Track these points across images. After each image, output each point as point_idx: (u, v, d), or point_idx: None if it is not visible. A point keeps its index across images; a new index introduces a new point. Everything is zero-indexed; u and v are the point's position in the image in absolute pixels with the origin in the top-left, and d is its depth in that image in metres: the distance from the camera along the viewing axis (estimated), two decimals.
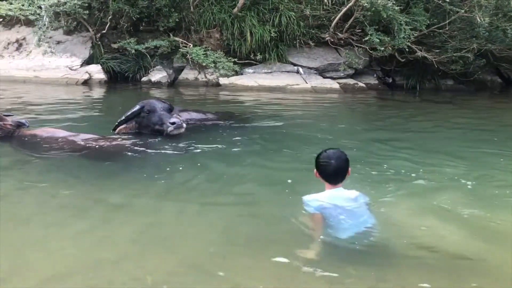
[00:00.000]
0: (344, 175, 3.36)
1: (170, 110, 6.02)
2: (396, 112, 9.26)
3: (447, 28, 11.19)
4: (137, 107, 5.87)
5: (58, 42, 11.82)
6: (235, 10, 11.44)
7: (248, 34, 11.39)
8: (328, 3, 11.37)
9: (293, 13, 11.50)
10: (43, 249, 3.13)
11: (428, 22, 11.00)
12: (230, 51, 11.70)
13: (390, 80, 12.99)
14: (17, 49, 11.86)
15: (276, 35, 11.42)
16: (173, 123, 5.64)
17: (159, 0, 11.16)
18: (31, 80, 11.02)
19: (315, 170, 3.42)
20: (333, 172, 3.33)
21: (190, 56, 11.26)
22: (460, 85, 12.70)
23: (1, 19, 11.48)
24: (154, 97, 6.55)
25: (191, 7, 11.56)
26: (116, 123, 5.96)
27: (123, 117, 5.90)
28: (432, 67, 11.92)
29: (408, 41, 10.77)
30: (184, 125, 5.74)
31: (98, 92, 10.47)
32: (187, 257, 3.09)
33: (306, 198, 3.40)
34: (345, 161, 3.34)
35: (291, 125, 7.27)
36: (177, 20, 11.52)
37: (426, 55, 11.35)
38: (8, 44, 11.97)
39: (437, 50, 11.50)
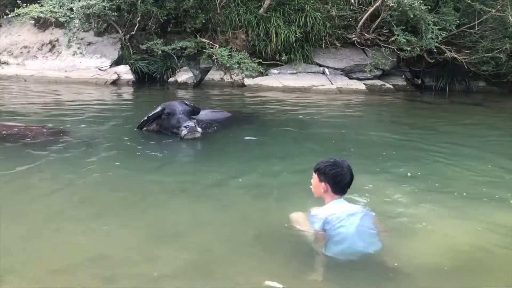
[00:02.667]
0: None
1: (192, 113, 6.09)
2: (424, 114, 9.08)
3: (478, 28, 10.88)
4: (158, 109, 5.99)
5: (89, 43, 12.15)
6: (261, 11, 11.47)
7: (274, 34, 11.38)
8: (355, 3, 11.23)
9: (319, 14, 11.42)
10: (53, 242, 3.23)
11: (458, 22, 10.72)
12: (256, 52, 11.73)
13: (419, 82, 12.71)
14: (50, 50, 12.26)
15: (301, 35, 11.36)
16: (186, 127, 5.65)
17: (186, 1, 11.29)
18: (62, 80, 11.37)
19: (322, 183, 3.18)
20: (349, 181, 3.15)
21: (216, 57, 11.36)
22: (493, 86, 12.27)
23: (33, 21, 11.86)
24: (179, 100, 6.58)
25: (218, 8, 11.65)
26: (139, 123, 6.11)
27: (145, 118, 6.04)
28: (462, 68, 11.61)
29: (437, 42, 10.52)
30: (199, 129, 5.74)
31: (126, 92, 10.69)
32: (193, 254, 3.12)
33: (314, 213, 3.19)
34: (350, 167, 3.19)
35: (313, 127, 7.25)
36: (203, 21, 11.63)
37: (456, 55, 11.07)
38: (42, 45, 12.39)
39: (467, 51, 11.20)
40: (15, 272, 2.84)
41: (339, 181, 3.13)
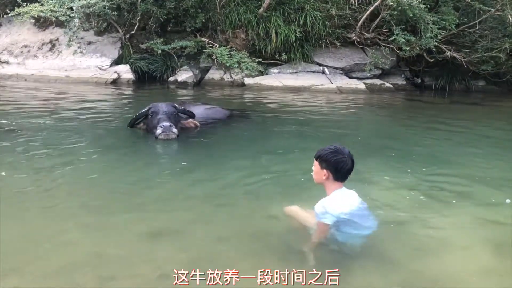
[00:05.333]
0: None
1: (192, 116, 6.08)
2: (424, 114, 9.08)
3: (477, 28, 10.90)
4: (145, 109, 6.02)
5: (89, 43, 12.16)
6: (261, 10, 11.48)
7: (273, 34, 11.40)
8: (355, 2, 11.26)
9: (319, 13, 11.43)
10: (54, 242, 3.24)
11: (458, 21, 10.74)
12: (256, 51, 11.74)
13: (419, 81, 12.72)
14: (51, 49, 12.26)
15: (301, 35, 11.37)
16: (161, 127, 5.62)
17: (186, 1, 11.30)
18: (63, 80, 11.37)
19: (324, 170, 3.17)
20: (350, 168, 3.16)
21: (216, 57, 11.37)
22: (492, 86, 12.30)
23: (33, 20, 11.88)
24: (170, 101, 6.57)
25: (218, 8, 11.66)
26: (128, 122, 6.14)
27: (134, 116, 6.07)
28: (462, 68, 11.62)
29: (436, 41, 10.53)
30: (175, 130, 5.68)
31: (125, 91, 10.69)
32: (193, 254, 3.13)
33: (324, 207, 3.17)
34: (351, 154, 3.21)
35: (312, 126, 7.24)
36: (203, 20, 11.64)
37: (455, 55, 11.08)
38: (42, 44, 12.39)
39: (467, 50, 11.21)
40: (21, 271, 2.86)
41: (341, 168, 3.13)
